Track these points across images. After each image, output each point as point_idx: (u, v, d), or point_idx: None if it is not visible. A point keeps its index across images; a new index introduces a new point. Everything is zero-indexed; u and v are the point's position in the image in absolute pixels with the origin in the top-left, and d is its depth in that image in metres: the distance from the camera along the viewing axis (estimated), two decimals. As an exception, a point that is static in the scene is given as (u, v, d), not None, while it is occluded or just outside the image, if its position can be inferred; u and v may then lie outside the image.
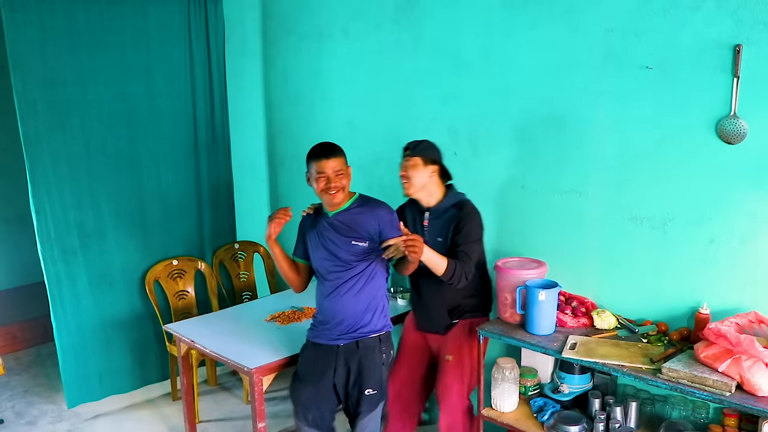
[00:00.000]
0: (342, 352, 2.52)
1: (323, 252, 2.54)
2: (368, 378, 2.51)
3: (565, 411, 2.59)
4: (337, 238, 2.50)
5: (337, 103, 3.69)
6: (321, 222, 2.56)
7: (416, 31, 3.19)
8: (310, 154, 2.47)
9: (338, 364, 2.52)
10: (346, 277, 2.50)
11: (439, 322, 2.73)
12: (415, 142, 2.66)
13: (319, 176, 2.43)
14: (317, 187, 2.45)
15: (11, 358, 4.49)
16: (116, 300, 3.67)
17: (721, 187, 2.33)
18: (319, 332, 2.58)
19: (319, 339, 2.58)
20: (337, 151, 2.46)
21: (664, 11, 2.36)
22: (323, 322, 2.57)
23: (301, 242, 2.66)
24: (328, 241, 2.52)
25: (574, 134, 2.69)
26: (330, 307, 2.53)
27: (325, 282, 2.56)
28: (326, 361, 2.54)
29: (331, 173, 2.42)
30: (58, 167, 3.36)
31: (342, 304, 2.51)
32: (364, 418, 2.52)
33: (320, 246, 2.54)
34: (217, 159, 3.99)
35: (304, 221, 2.65)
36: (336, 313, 2.52)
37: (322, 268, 2.56)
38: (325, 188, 2.43)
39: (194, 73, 3.81)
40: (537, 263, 2.70)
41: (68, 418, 3.66)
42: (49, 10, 3.22)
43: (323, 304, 2.57)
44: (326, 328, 2.55)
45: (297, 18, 3.81)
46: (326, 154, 2.43)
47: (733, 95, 2.23)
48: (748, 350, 2.02)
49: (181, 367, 3.11)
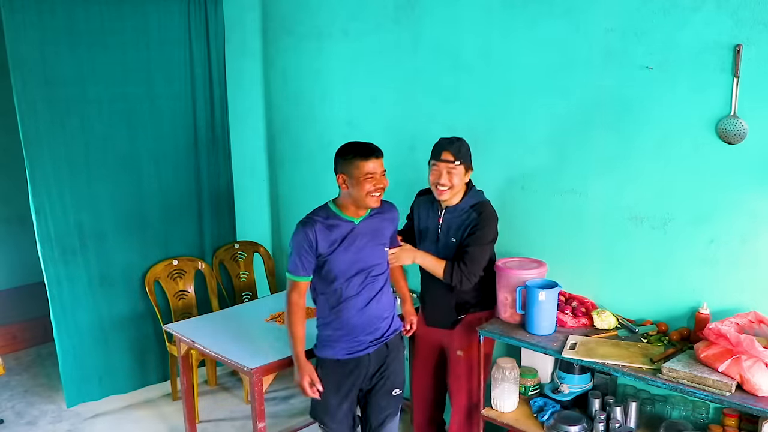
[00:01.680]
0: (373, 360, 2.45)
1: (356, 260, 2.36)
2: (396, 378, 2.52)
3: (565, 411, 2.59)
4: (366, 245, 2.38)
5: (337, 103, 3.69)
6: (344, 229, 2.35)
7: (416, 30, 3.19)
8: (356, 152, 2.29)
9: (369, 372, 2.46)
10: (381, 282, 2.44)
11: (447, 318, 2.70)
12: (455, 143, 2.51)
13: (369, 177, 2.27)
14: (365, 189, 2.28)
15: (11, 358, 4.49)
16: (116, 300, 3.67)
17: (721, 187, 2.33)
18: (343, 346, 2.40)
19: (343, 354, 2.41)
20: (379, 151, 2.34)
21: (664, 11, 2.36)
22: (349, 334, 2.40)
23: (312, 257, 2.35)
24: (360, 249, 2.37)
25: (575, 134, 2.69)
26: (365, 318, 2.40)
27: (359, 294, 2.38)
28: (357, 373, 2.44)
29: (378, 173, 2.30)
30: (58, 167, 3.36)
31: (379, 311, 2.43)
32: (393, 419, 2.54)
33: (351, 254, 2.36)
34: (217, 159, 3.99)
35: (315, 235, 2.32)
36: (372, 321, 2.42)
37: (353, 277, 2.37)
38: (373, 189, 2.29)
39: (194, 73, 3.81)
40: (537, 263, 2.70)
41: (68, 418, 3.66)
42: (49, 10, 3.22)
43: (353, 317, 2.38)
44: (355, 340, 2.40)
45: (297, 18, 3.81)
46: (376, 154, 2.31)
47: (733, 95, 2.23)
48: (748, 350, 2.02)
49: (181, 367, 3.11)
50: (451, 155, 2.49)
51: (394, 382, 2.53)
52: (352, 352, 2.41)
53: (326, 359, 2.43)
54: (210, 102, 3.91)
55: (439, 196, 2.55)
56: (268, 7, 3.99)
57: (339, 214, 2.37)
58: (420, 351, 2.87)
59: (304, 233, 2.31)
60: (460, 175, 2.52)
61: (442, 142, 2.55)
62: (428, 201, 2.70)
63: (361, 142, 2.35)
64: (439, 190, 2.54)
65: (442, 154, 2.51)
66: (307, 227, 2.31)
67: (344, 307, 2.38)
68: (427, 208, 2.70)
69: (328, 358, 2.43)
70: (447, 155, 2.50)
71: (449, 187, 2.52)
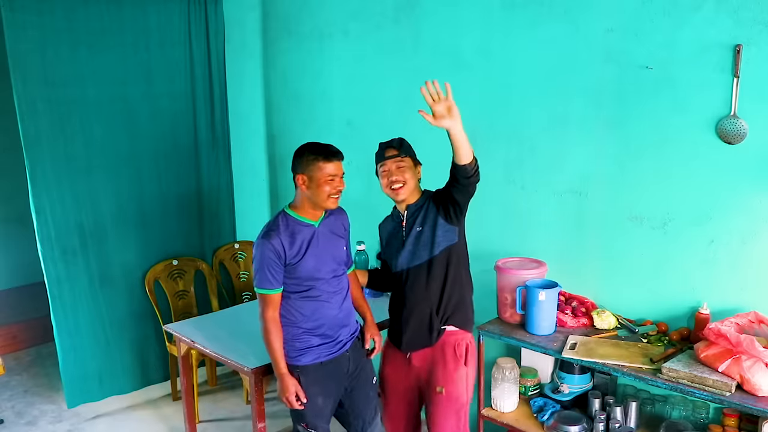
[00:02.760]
0: (351, 356, 2.44)
1: (324, 261, 2.35)
2: (370, 368, 2.52)
3: (565, 411, 2.59)
4: (329, 244, 2.38)
5: (337, 103, 3.69)
6: (306, 233, 2.33)
7: (416, 30, 3.19)
8: (318, 153, 2.29)
9: (349, 369, 2.44)
10: (346, 279, 2.47)
11: (427, 329, 2.43)
12: (394, 140, 2.45)
13: (329, 179, 2.27)
14: (326, 191, 2.27)
15: (11, 358, 4.49)
16: (116, 300, 3.67)
17: (721, 187, 2.33)
18: (324, 348, 2.37)
19: (325, 356, 2.37)
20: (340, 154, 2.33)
21: (664, 11, 2.36)
22: (328, 335, 2.37)
23: (281, 267, 2.30)
24: (325, 250, 2.35)
25: (574, 134, 2.69)
26: (342, 316, 2.41)
27: (333, 293, 2.37)
28: (339, 371, 2.41)
29: (339, 176, 2.30)
30: (58, 167, 3.36)
31: (350, 307, 2.47)
32: (377, 416, 2.53)
33: (318, 256, 2.33)
34: (217, 159, 4.00)
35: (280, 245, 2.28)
36: (347, 317, 2.44)
37: (325, 278, 2.35)
38: (334, 192, 2.29)
39: (194, 73, 3.81)
40: (537, 263, 2.70)
41: (68, 418, 3.66)
42: (49, 10, 3.22)
43: (332, 318, 2.37)
44: (334, 340, 2.39)
45: (297, 18, 3.81)
46: (338, 156, 2.30)
47: (733, 95, 2.23)
48: (748, 350, 2.02)
49: (181, 367, 3.11)
50: (394, 150, 2.41)
51: (370, 373, 2.52)
52: (332, 353, 2.38)
53: (308, 366, 2.36)
54: (210, 102, 3.91)
55: (396, 196, 2.41)
56: (268, 7, 3.99)
57: (298, 218, 2.34)
58: (391, 395, 2.59)
59: (270, 246, 2.25)
60: (410, 169, 2.40)
61: (381, 145, 2.47)
62: (386, 222, 2.58)
63: (321, 144, 2.32)
64: (394, 191, 2.39)
65: (385, 153, 2.42)
66: (272, 239, 2.26)
67: (322, 310, 2.35)
68: (388, 226, 2.56)
69: (309, 364, 2.36)
70: (390, 151, 2.41)
71: (403, 182, 2.38)
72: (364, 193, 3.48)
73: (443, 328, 2.43)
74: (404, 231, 2.46)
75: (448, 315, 2.43)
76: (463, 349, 2.41)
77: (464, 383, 2.42)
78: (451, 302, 2.43)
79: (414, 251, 2.43)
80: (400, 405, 2.59)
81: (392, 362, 2.55)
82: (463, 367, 2.41)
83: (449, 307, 2.43)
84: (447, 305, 2.43)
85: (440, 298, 2.42)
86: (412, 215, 2.44)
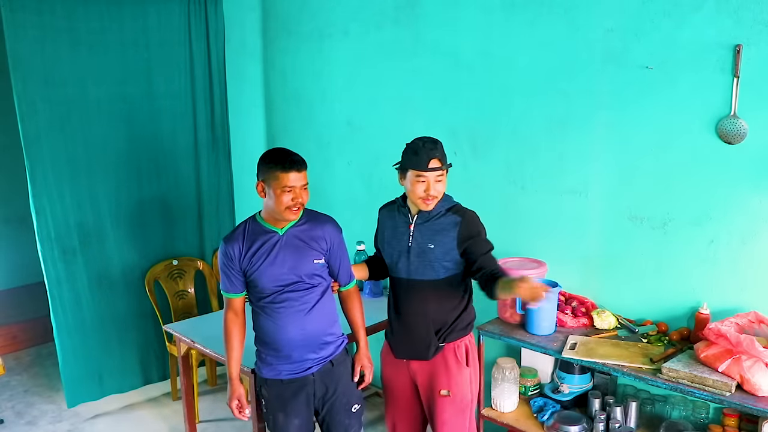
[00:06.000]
0: (318, 379, 2.29)
1: (282, 272, 2.21)
2: (351, 395, 2.37)
3: (565, 411, 2.59)
4: (292, 256, 2.21)
5: (337, 103, 3.69)
6: (266, 240, 2.21)
7: (416, 30, 3.19)
8: (277, 161, 2.14)
9: (317, 393, 2.30)
10: (316, 296, 2.27)
11: (424, 345, 2.34)
12: (438, 147, 2.23)
13: (287, 190, 2.13)
14: (283, 202, 2.13)
15: (11, 358, 4.49)
16: (116, 300, 3.67)
17: (721, 187, 2.33)
18: (285, 366, 2.26)
19: (285, 374, 2.26)
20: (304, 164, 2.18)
21: (664, 11, 2.36)
22: (288, 353, 2.25)
23: (238, 272, 2.24)
24: (285, 261, 2.20)
25: (574, 134, 2.69)
26: (304, 335, 2.24)
27: (292, 309, 2.23)
28: (304, 392, 2.28)
29: (298, 187, 2.15)
30: (58, 167, 3.36)
31: (319, 327, 2.27)
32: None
33: (277, 267, 2.21)
34: (217, 159, 3.99)
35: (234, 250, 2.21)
36: (312, 338, 2.25)
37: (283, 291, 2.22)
38: (291, 204, 2.15)
39: (194, 73, 3.81)
40: (537, 263, 2.70)
41: (68, 418, 3.66)
42: (49, 10, 3.22)
43: (290, 334, 2.23)
44: (296, 359, 2.25)
45: (297, 18, 3.81)
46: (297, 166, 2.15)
47: (733, 95, 2.23)
48: (748, 350, 2.02)
49: (181, 367, 3.11)
50: (439, 161, 2.21)
51: (350, 399, 2.37)
52: (294, 373, 2.26)
53: (269, 380, 2.30)
54: (210, 102, 3.91)
55: (427, 207, 2.26)
56: (268, 7, 3.99)
57: (262, 224, 2.24)
58: (394, 395, 2.50)
59: (224, 249, 2.21)
60: (445, 180, 2.27)
61: (425, 149, 2.20)
62: (391, 211, 2.43)
63: (285, 151, 2.18)
64: (427, 203, 2.25)
65: (430, 163, 2.19)
66: (228, 243, 2.21)
67: (279, 325, 2.23)
68: (392, 218, 2.40)
69: (270, 379, 2.29)
70: (435, 162, 2.20)
71: (436, 198, 2.25)
72: (364, 193, 3.48)
73: (441, 345, 2.34)
74: (411, 236, 2.32)
75: (446, 333, 2.34)
76: (463, 351, 2.37)
77: (468, 384, 2.38)
78: (449, 320, 2.34)
79: (418, 266, 2.31)
80: (405, 404, 2.51)
81: (390, 364, 2.48)
82: (465, 369, 2.36)
83: (447, 326, 2.34)
84: (445, 323, 2.34)
85: (439, 316, 2.33)
86: (425, 222, 2.30)
